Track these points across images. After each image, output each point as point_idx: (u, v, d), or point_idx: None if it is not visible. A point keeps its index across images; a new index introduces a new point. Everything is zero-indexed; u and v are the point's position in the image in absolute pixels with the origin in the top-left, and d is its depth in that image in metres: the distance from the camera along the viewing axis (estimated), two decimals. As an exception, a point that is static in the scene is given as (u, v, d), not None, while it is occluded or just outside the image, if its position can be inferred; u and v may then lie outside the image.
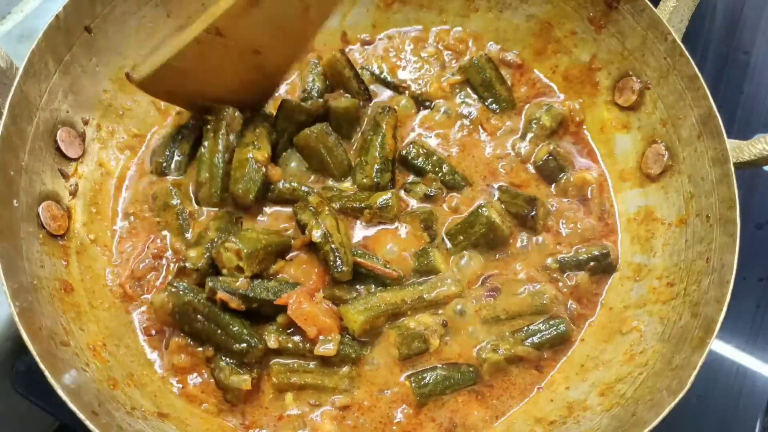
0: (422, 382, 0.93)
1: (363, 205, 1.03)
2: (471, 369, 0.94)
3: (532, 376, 0.96)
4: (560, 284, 1.01)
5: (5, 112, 0.86)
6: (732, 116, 1.31)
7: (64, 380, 0.76)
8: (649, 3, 1.03)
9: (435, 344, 0.95)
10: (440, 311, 0.97)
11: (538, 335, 0.97)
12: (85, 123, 1.01)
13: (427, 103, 1.16)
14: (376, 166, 1.06)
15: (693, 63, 0.98)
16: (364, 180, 1.05)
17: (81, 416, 0.73)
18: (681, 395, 0.77)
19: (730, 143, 0.92)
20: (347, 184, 1.07)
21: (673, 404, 0.77)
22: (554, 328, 0.97)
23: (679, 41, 1.00)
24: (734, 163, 0.91)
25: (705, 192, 0.95)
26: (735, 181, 0.90)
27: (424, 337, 0.94)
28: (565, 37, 1.16)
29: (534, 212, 1.03)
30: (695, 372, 0.79)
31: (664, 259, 0.99)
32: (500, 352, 0.94)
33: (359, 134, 1.12)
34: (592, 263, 1.03)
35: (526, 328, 0.97)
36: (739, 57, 1.41)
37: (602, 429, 0.84)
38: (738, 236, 0.86)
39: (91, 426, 0.73)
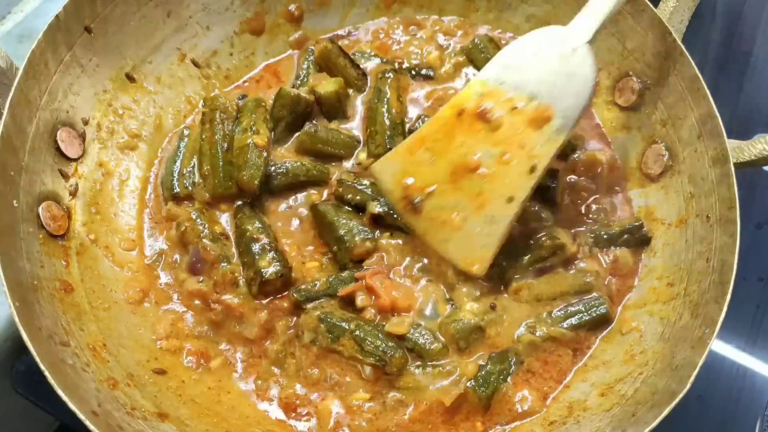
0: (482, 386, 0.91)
1: None
2: (514, 353, 0.94)
3: (569, 356, 0.95)
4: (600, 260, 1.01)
5: (5, 112, 0.86)
6: (732, 116, 1.31)
7: (64, 380, 0.76)
8: (649, 3, 1.03)
9: (490, 333, 0.94)
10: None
11: (577, 317, 0.96)
12: (85, 123, 1.01)
13: (425, 71, 1.15)
14: (387, 133, 1.05)
15: (693, 63, 0.98)
16: (378, 149, 1.04)
17: (81, 416, 0.73)
18: (681, 395, 0.77)
19: (730, 143, 0.92)
20: (363, 156, 1.06)
21: (673, 404, 0.76)
22: (594, 309, 0.96)
23: (679, 41, 1.00)
24: (734, 163, 0.91)
25: (705, 192, 0.95)
26: (735, 181, 0.90)
27: (480, 327, 0.94)
28: (565, 37, 1.16)
29: (555, 183, 1.02)
30: (695, 372, 0.78)
31: (664, 259, 0.99)
32: (537, 334, 0.94)
33: (358, 108, 1.11)
34: (625, 236, 1.01)
35: (564, 309, 0.96)
36: (739, 57, 1.41)
37: (602, 429, 0.84)
38: (738, 236, 0.86)
39: (91, 426, 0.72)
